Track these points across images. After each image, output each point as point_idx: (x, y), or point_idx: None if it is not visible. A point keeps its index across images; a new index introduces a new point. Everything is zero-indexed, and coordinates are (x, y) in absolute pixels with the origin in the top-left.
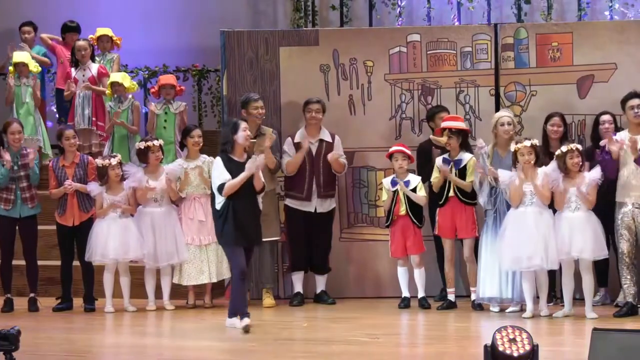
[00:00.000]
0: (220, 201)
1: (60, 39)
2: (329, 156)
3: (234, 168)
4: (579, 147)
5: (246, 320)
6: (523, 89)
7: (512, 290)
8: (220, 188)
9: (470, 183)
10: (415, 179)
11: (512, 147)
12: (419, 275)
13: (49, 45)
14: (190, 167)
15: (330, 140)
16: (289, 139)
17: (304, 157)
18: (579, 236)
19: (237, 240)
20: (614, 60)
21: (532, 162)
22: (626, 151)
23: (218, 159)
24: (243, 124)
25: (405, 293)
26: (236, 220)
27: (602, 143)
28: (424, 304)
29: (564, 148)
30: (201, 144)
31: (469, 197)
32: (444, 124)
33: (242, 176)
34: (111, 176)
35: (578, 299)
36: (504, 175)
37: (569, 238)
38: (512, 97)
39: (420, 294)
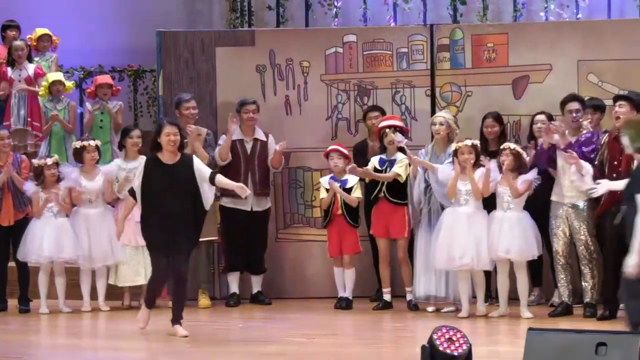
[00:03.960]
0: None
1: None
2: (278, 147)
3: (159, 171)
4: (512, 146)
5: (146, 316)
6: (459, 90)
7: (446, 289)
8: (131, 192)
9: (394, 174)
10: (353, 179)
11: (453, 146)
12: (347, 275)
13: None
14: (129, 168)
15: (265, 139)
16: (223, 135)
17: (236, 149)
18: (507, 236)
19: (158, 246)
20: (549, 61)
21: (472, 161)
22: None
23: (143, 161)
24: (167, 128)
25: (342, 293)
26: (159, 225)
27: (540, 141)
28: (342, 304)
29: (503, 145)
30: (140, 145)
31: (399, 197)
32: (384, 123)
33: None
34: (47, 176)
35: (513, 299)
36: (443, 170)
37: (499, 238)
38: (447, 97)
39: (347, 294)
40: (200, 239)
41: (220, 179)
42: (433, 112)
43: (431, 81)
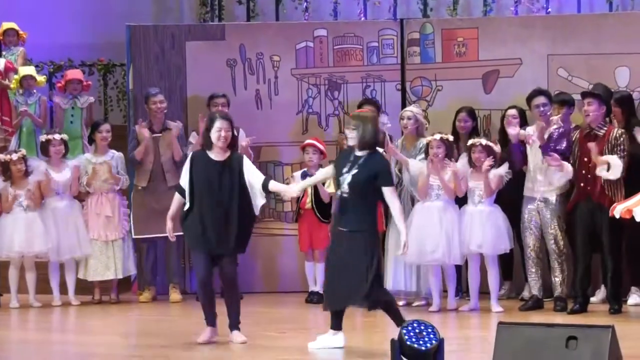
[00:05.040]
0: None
1: None
2: (244, 142)
3: (209, 167)
4: (483, 141)
5: (204, 335)
6: (429, 84)
7: (417, 284)
8: (179, 190)
9: (330, 194)
10: None
11: (423, 140)
12: (319, 270)
13: None
14: (98, 162)
15: (235, 134)
16: (194, 132)
17: None
18: (479, 230)
19: (201, 246)
20: (519, 56)
21: (440, 155)
22: (533, 146)
23: (190, 155)
24: (218, 123)
25: (313, 287)
26: (202, 223)
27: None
28: (313, 299)
29: (469, 142)
30: (109, 139)
31: None
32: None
33: None
34: (13, 171)
35: (484, 293)
36: (415, 164)
37: (470, 232)
38: (418, 92)
39: (318, 288)
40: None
41: (274, 185)
42: (404, 107)
43: (401, 75)
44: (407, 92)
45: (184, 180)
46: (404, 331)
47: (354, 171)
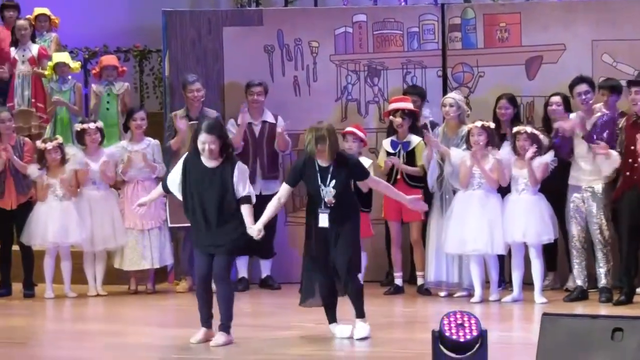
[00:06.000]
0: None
1: None
2: (278, 130)
3: (201, 172)
4: (528, 129)
5: (197, 335)
6: (471, 70)
7: (459, 275)
8: (163, 183)
9: (421, 167)
10: (366, 163)
11: (465, 128)
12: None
13: None
14: (134, 150)
15: (274, 121)
16: (232, 120)
17: (245, 132)
18: (522, 219)
19: (197, 245)
20: (563, 41)
21: (482, 143)
22: (578, 134)
23: (183, 158)
24: (201, 137)
25: None
26: (196, 223)
27: (555, 126)
28: None
29: (514, 129)
30: (144, 127)
31: (416, 180)
32: (393, 105)
33: None
34: (48, 160)
35: (527, 284)
36: (456, 153)
37: (513, 221)
38: (459, 78)
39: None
40: None
41: (245, 209)
42: (445, 93)
43: (442, 61)
44: (448, 79)
45: (172, 178)
46: (445, 322)
47: (332, 182)
